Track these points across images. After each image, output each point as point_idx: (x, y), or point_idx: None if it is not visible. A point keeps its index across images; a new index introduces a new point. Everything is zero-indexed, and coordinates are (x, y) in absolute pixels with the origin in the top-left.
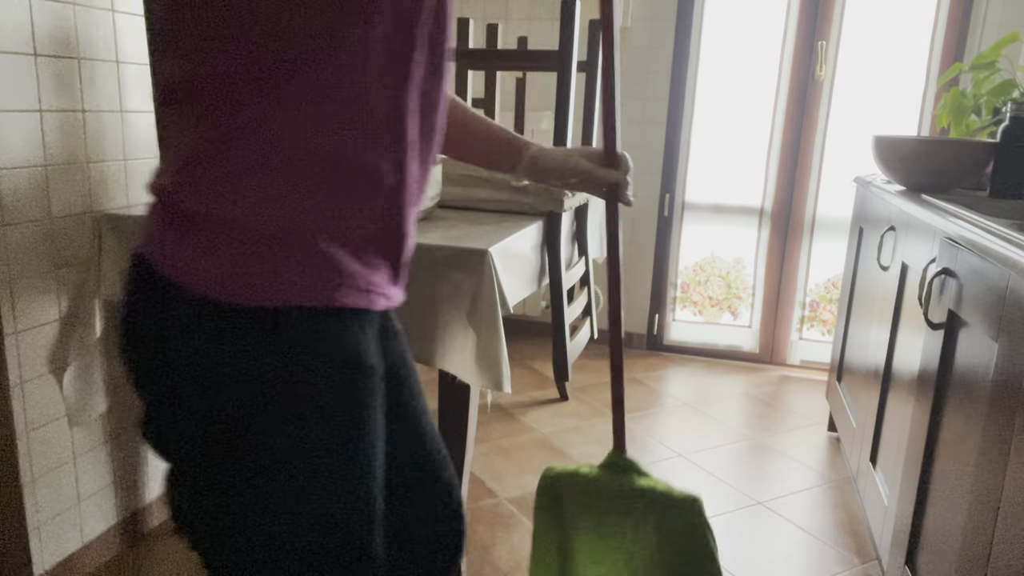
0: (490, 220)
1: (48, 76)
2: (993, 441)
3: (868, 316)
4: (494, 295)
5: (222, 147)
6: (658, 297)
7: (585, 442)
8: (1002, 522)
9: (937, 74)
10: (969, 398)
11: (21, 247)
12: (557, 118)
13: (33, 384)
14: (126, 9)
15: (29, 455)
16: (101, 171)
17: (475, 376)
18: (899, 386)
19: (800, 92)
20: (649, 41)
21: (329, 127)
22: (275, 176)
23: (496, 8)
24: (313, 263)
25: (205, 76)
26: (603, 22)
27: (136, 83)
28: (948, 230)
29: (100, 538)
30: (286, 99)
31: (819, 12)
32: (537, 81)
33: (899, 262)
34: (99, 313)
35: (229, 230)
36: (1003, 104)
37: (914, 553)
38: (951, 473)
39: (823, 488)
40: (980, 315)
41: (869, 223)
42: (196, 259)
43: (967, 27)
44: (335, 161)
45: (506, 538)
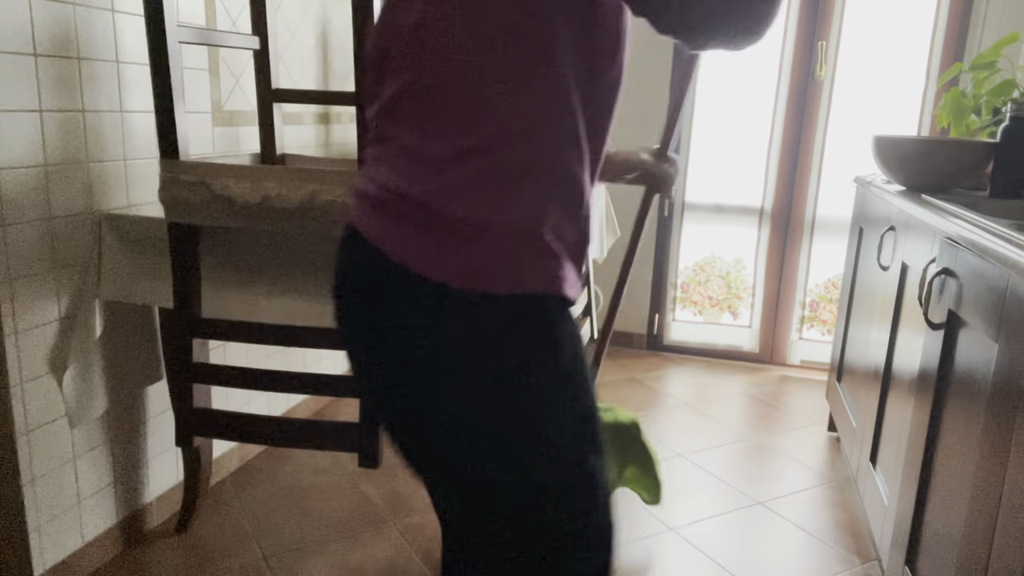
0: None
1: (48, 76)
2: (993, 441)
3: (868, 316)
4: None
5: (487, 156)
6: (658, 297)
7: None
8: (1002, 522)
9: (937, 74)
10: (969, 398)
11: (21, 247)
12: None
13: (33, 384)
14: (126, 9)
15: (29, 455)
16: (101, 171)
17: None
18: (899, 386)
19: (800, 92)
20: (649, 41)
21: (576, 145)
22: (534, 185)
23: None
24: (549, 259)
25: (473, 87)
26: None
27: (136, 83)
28: (948, 230)
29: (100, 538)
30: (552, 119)
31: (819, 12)
32: None
33: (899, 262)
34: (99, 313)
35: (489, 230)
36: (1003, 104)
37: (914, 553)
38: (951, 473)
39: (823, 488)
40: (980, 315)
41: (869, 223)
42: (455, 257)
43: (967, 27)
44: (574, 175)
45: None
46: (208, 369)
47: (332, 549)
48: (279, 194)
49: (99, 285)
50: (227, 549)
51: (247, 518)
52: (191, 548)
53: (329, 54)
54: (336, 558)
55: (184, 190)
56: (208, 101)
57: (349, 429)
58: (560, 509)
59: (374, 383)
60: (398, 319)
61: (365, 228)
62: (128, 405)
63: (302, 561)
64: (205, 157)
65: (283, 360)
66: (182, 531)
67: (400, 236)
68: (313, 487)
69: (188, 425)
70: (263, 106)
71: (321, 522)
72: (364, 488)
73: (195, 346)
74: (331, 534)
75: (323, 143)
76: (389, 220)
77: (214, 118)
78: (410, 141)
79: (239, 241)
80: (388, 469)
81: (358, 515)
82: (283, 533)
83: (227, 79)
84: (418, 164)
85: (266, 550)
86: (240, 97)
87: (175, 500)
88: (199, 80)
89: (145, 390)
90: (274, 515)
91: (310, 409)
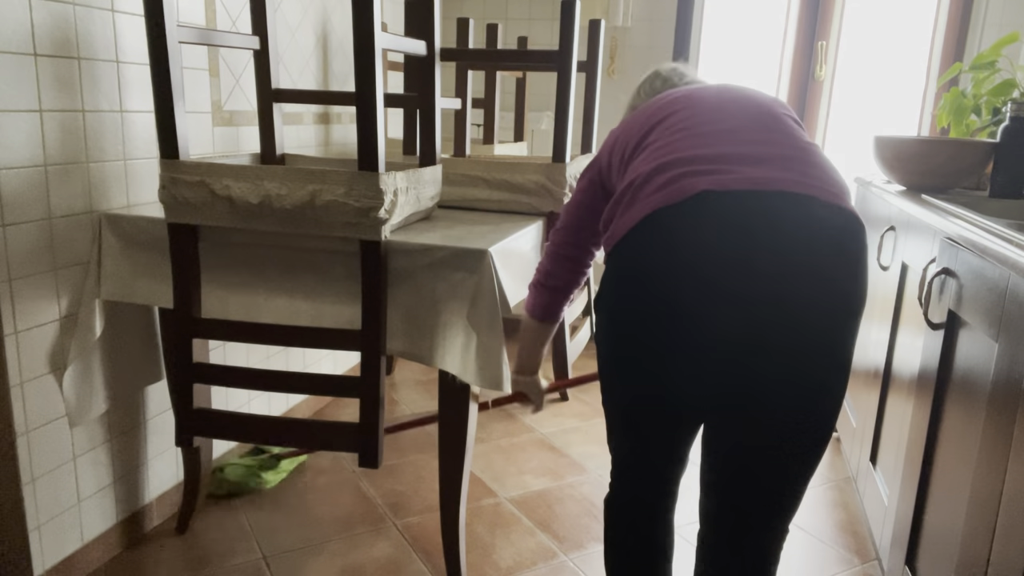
0: (490, 220)
1: (48, 76)
2: (993, 441)
3: (868, 316)
4: (494, 295)
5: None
6: None
7: (585, 442)
8: (1002, 522)
9: (937, 74)
10: (969, 398)
11: (21, 247)
12: (557, 118)
13: (33, 384)
14: (126, 9)
15: (29, 455)
16: (101, 171)
17: (475, 376)
18: (899, 386)
19: (800, 92)
20: (649, 41)
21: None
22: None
23: (496, 8)
24: None
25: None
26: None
27: (136, 83)
28: (948, 230)
29: (100, 538)
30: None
31: (819, 12)
32: (537, 81)
33: (899, 262)
34: (99, 313)
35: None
36: (1003, 104)
37: (914, 553)
38: (951, 473)
39: (823, 488)
40: (980, 315)
41: (869, 223)
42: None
43: (967, 27)
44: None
45: (506, 538)
46: (208, 369)
47: (332, 549)
48: (279, 194)
49: (99, 285)
50: (227, 549)
51: (247, 518)
52: (191, 548)
53: (329, 54)
54: (336, 558)
55: (184, 190)
56: (208, 101)
57: (349, 429)
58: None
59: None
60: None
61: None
62: (128, 405)
63: (302, 561)
64: (205, 157)
65: (283, 360)
66: (182, 531)
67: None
68: (313, 487)
69: (188, 425)
70: (263, 106)
71: (321, 522)
72: (364, 488)
73: (195, 346)
74: (331, 534)
75: (323, 143)
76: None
77: (214, 118)
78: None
79: (239, 241)
80: (388, 469)
81: (358, 515)
82: (283, 533)
83: (227, 79)
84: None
85: (266, 550)
86: (240, 97)
87: (175, 500)
88: (199, 80)
89: (145, 390)
90: (274, 515)
91: (310, 409)
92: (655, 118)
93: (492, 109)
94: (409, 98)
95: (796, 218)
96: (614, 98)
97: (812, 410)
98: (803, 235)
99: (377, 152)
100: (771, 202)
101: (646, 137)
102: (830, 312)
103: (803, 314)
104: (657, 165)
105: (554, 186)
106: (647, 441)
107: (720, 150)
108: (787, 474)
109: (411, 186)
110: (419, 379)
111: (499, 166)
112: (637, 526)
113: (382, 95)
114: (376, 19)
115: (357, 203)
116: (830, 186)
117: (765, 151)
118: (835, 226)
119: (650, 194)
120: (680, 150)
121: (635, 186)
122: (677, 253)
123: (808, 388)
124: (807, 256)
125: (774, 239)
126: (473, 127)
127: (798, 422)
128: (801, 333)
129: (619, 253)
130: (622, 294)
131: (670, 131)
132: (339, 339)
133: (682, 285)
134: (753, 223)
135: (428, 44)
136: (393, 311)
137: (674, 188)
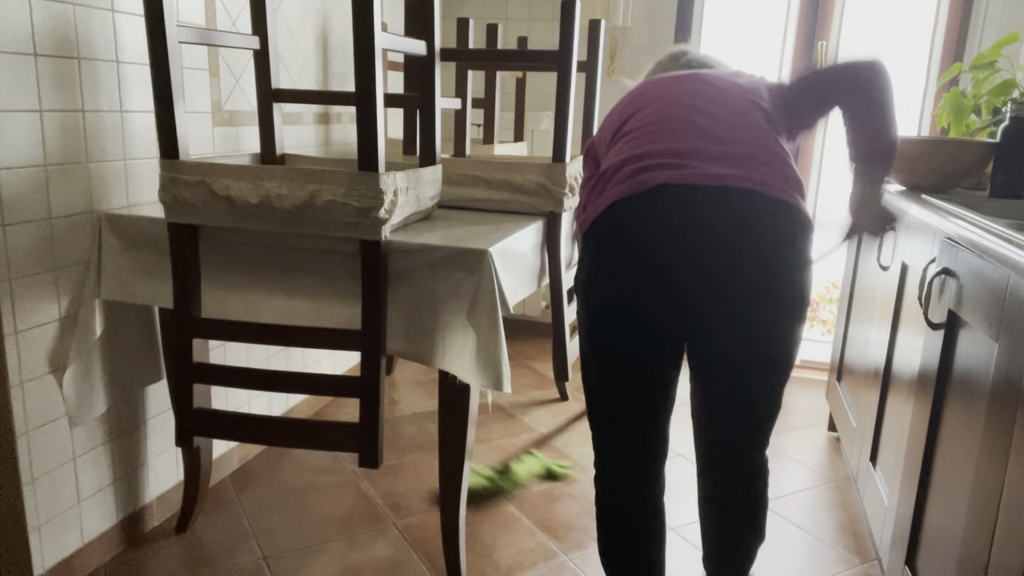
0: (490, 220)
1: (48, 76)
2: (993, 441)
3: (868, 316)
4: (494, 295)
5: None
6: None
7: (585, 442)
8: (1002, 522)
9: (937, 74)
10: (969, 398)
11: (21, 247)
12: (557, 118)
13: (33, 384)
14: (126, 9)
15: (29, 455)
16: (101, 171)
17: (475, 376)
18: (899, 386)
19: None
20: (649, 41)
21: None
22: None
23: (496, 8)
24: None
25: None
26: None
27: (136, 83)
28: (948, 230)
29: (100, 538)
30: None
31: (819, 12)
32: (537, 81)
33: (899, 262)
34: (99, 313)
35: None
36: (1003, 104)
37: (914, 553)
38: (951, 473)
39: (823, 488)
40: (980, 315)
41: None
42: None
43: (967, 27)
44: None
45: (506, 538)
46: (208, 369)
47: (332, 549)
48: (279, 194)
49: (99, 285)
50: (227, 549)
51: (247, 518)
52: (191, 548)
53: (329, 54)
54: (336, 558)
55: (184, 190)
56: (208, 101)
57: (349, 429)
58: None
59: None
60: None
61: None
62: (128, 405)
63: (302, 561)
64: (205, 157)
65: (283, 360)
66: (182, 531)
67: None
68: (313, 487)
69: (188, 425)
70: (263, 106)
71: (321, 522)
72: (364, 488)
73: (195, 346)
74: (331, 534)
75: (323, 143)
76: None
77: (214, 118)
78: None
79: (239, 241)
80: (388, 469)
81: (358, 515)
82: (283, 533)
83: (227, 79)
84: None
85: (266, 550)
86: (240, 97)
87: (175, 500)
88: (199, 80)
89: (145, 390)
90: (274, 515)
91: (310, 409)
92: (631, 108)
93: (492, 109)
94: (409, 98)
95: (739, 209)
96: (614, 98)
97: (755, 339)
98: (743, 222)
99: (377, 152)
100: (719, 195)
101: (623, 126)
102: (763, 284)
103: (736, 283)
104: (625, 157)
105: (554, 186)
106: (623, 386)
107: (681, 145)
108: (750, 375)
109: (411, 186)
110: (419, 379)
111: (499, 166)
112: (625, 487)
113: (382, 95)
114: (376, 19)
115: (357, 203)
116: (776, 181)
117: (721, 149)
118: (771, 214)
119: (616, 184)
120: (645, 144)
121: (606, 176)
122: (638, 233)
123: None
124: (747, 243)
125: (721, 226)
126: (473, 127)
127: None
128: (735, 299)
129: (592, 232)
130: (595, 266)
131: (640, 125)
132: (339, 339)
133: (641, 260)
134: (701, 211)
135: (428, 44)
136: (393, 311)
137: (637, 180)
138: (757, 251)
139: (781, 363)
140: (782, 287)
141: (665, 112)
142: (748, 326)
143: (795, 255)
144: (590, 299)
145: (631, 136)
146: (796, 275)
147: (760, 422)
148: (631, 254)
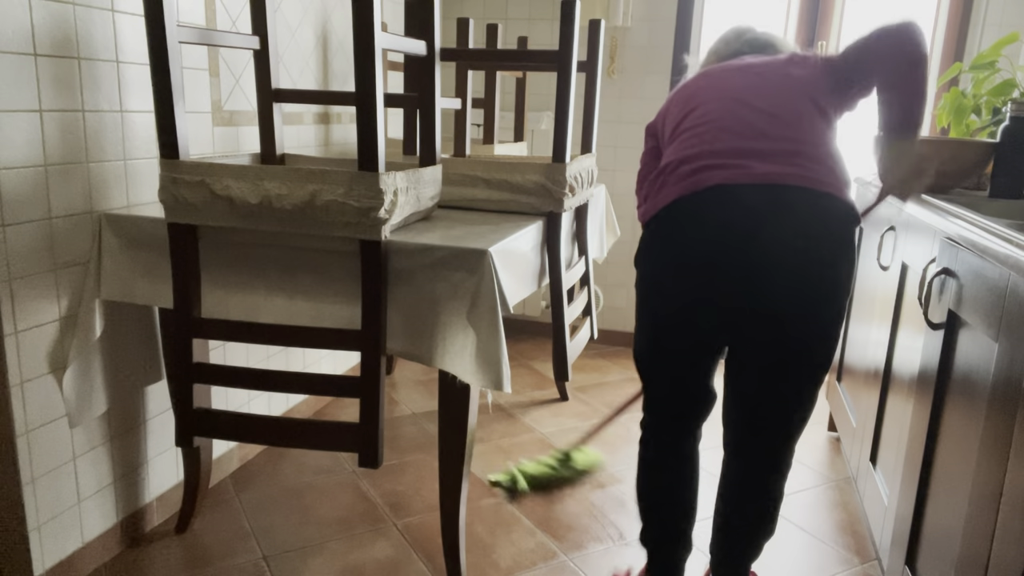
0: (490, 220)
1: (48, 76)
2: (993, 441)
3: (868, 316)
4: (494, 295)
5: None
6: None
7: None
8: (1002, 522)
9: (937, 74)
10: (969, 398)
11: (21, 247)
12: (557, 118)
13: (33, 384)
14: (126, 9)
15: (29, 455)
16: (101, 171)
17: (475, 376)
18: (899, 386)
19: None
20: (649, 41)
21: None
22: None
23: (496, 8)
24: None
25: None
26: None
27: (136, 83)
28: (948, 230)
29: (100, 538)
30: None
31: (819, 12)
32: (537, 81)
33: (899, 262)
34: (99, 313)
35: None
36: (1003, 104)
37: (914, 553)
38: (951, 473)
39: (823, 488)
40: (980, 315)
41: (869, 223)
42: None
43: (967, 27)
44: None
45: (506, 538)
46: (208, 369)
47: (332, 549)
48: (279, 194)
49: (99, 285)
50: (227, 549)
51: (247, 518)
52: (191, 548)
53: (329, 54)
54: (336, 558)
55: (184, 190)
56: (208, 101)
57: (349, 429)
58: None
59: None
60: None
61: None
62: (128, 405)
63: (302, 561)
64: (205, 157)
65: (283, 360)
66: (182, 531)
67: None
68: (313, 487)
69: (188, 425)
70: (263, 106)
71: (321, 522)
72: (364, 488)
73: (195, 346)
74: (331, 534)
75: (323, 143)
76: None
77: (214, 118)
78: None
79: (239, 241)
80: (388, 469)
81: (358, 515)
82: (283, 533)
83: (227, 79)
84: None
85: (266, 550)
86: (240, 97)
87: (175, 500)
88: (199, 80)
89: (145, 390)
90: (274, 515)
91: (310, 409)
92: (691, 104)
93: (492, 109)
94: (409, 98)
95: (788, 204)
96: (614, 98)
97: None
98: (798, 220)
99: (377, 152)
100: (769, 193)
101: (682, 122)
102: (813, 280)
103: (786, 284)
104: (683, 156)
105: (554, 186)
106: (673, 355)
107: (734, 145)
108: (788, 373)
109: (411, 186)
110: (419, 379)
111: (499, 166)
112: (669, 436)
113: (382, 95)
114: (376, 19)
115: (357, 203)
116: (825, 176)
117: (772, 146)
118: (820, 208)
119: (676, 182)
120: (701, 143)
121: (666, 172)
122: (690, 231)
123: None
124: (800, 240)
125: (771, 223)
126: (473, 127)
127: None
128: (782, 294)
129: (653, 226)
130: (655, 255)
131: (697, 122)
132: (339, 339)
133: (697, 252)
134: (756, 211)
135: (428, 44)
136: (393, 311)
137: (693, 180)
138: (806, 246)
139: (820, 354)
140: (825, 280)
141: (720, 111)
142: (790, 318)
143: (842, 249)
144: (646, 277)
145: (689, 134)
146: (841, 268)
147: (798, 417)
148: (684, 248)
